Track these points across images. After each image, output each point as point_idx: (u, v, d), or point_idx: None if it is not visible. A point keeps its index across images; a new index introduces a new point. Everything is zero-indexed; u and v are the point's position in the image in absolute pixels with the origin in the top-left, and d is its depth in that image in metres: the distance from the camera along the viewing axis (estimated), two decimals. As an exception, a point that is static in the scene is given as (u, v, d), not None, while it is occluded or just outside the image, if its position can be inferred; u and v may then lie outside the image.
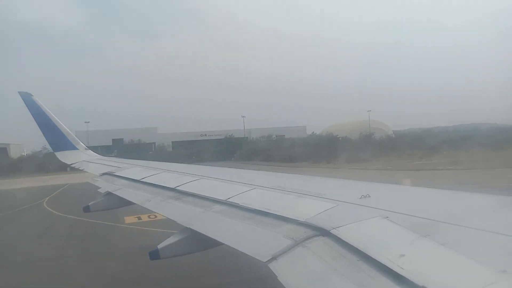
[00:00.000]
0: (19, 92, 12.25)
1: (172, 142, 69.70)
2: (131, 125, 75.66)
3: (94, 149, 14.05)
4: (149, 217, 17.31)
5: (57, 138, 12.42)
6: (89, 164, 10.93)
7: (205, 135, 72.24)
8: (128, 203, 6.65)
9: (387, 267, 2.25)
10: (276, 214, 3.64)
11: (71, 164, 11.80)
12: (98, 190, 7.80)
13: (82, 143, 13.14)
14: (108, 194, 7.27)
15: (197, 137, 70.28)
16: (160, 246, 4.23)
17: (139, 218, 17.91)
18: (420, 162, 40.80)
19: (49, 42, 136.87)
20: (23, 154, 73.98)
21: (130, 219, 17.86)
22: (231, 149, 58.34)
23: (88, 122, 70.62)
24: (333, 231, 2.89)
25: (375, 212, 3.09)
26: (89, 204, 7.43)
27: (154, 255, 4.20)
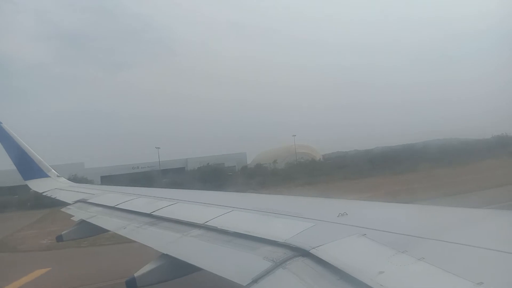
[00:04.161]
0: None
1: (101, 177, 61.48)
2: (60, 161, 62.28)
3: (15, 189, 12.49)
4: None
5: (28, 166, 12.03)
6: (61, 192, 10.60)
7: (137, 167, 67.28)
8: (103, 230, 6.46)
9: (367, 285, 2.25)
10: (254, 236, 3.61)
11: (43, 192, 11.41)
12: (71, 218, 7.57)
13: (53, 170, 12.75)
14: (82, 222, 7.05)
15: (128, 170, 64.25)
16: (137, 274, 4.10)
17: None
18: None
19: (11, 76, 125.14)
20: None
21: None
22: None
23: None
24: (313, 251, 2.88)
25: (353, 230, 3.11)
26: (62, 233, 7.19)
27: (131, 283, 4.06)
